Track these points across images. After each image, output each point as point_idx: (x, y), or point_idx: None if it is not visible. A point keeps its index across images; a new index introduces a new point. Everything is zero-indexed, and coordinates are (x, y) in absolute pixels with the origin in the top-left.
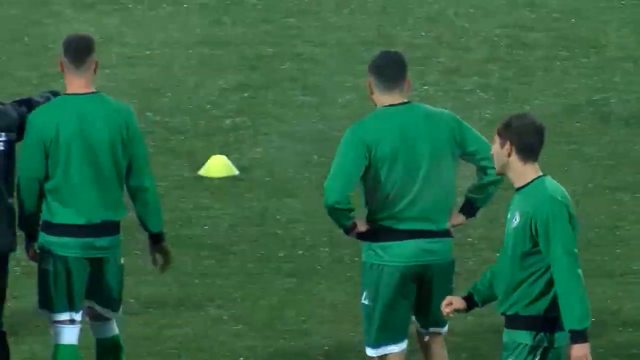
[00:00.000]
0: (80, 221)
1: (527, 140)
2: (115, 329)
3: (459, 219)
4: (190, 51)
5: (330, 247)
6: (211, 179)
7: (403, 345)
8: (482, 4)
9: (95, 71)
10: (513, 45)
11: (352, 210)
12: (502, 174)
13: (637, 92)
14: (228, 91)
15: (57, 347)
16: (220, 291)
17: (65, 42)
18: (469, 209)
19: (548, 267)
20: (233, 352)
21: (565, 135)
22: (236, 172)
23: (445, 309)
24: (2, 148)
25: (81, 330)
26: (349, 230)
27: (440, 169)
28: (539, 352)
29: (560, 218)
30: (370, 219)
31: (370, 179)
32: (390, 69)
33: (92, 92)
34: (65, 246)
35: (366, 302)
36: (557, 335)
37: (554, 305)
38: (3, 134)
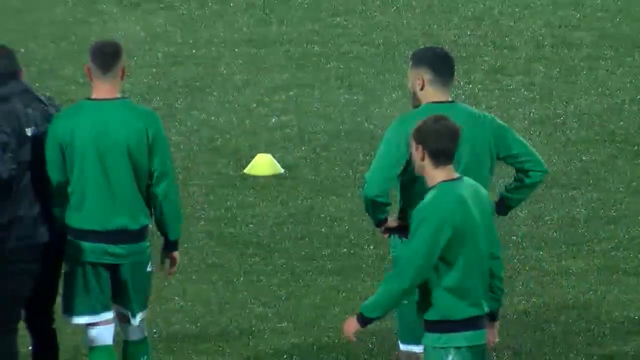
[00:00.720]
0: (93, 227)
1: (439, 144)
2: (139, 333)
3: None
4: (237, 50)
5: (375, 245)
6: (256, 178)
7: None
8: (527, 3)
9: (122, 77)
10: (558, 44)
11: (389, 204)
12: (420, 175)
13: None
14: (274, 90)
15: (91, 350)
16: (265, 289)
17: (92, 49)
18: (501, 207)
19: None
20: (277, 349)
21: (609, 134)
22: (281, 170)
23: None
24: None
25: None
26: (380, 223)
27: (477, 169)
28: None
29: (424, 225)
30: (402, 215)
31: (408, 173)
32: (447, 66)
33: (115, 98)
34: (81, 250)
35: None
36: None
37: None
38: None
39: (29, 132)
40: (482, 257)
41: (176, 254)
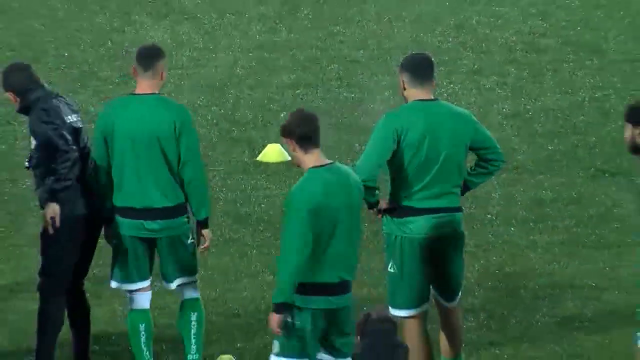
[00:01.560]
0: (132, 204)
1: (301, 130)
2: (192, 294)
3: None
4: (251, 54)
5: (369, 223)
6: (267, 164)
7: (425, 307)
8: (501, 14)
9: (162, 77)
10: (527, 50)
11: (377, 188)
12: (299, 166)
13: (635, 89)
14: (282, 89)
15: (130, 311)
16: (275, 260)
17: (138, 50)
18: (464, 188)
19: None
20: None
21: (571, 127)
22: (288, 158)
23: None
24: (81, 125)
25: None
26: (373, 205)
27: (455, 158)
28: None
29: (290, 210)
30: (392, 198)
31: (396, 161)
32: (422, 69)
33: (152, 94)
34: (122, 226)
35: (392, 270)
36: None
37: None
38: (76, 115)
39: (69, 119)
40: (345, 236)
41: (206, 231)
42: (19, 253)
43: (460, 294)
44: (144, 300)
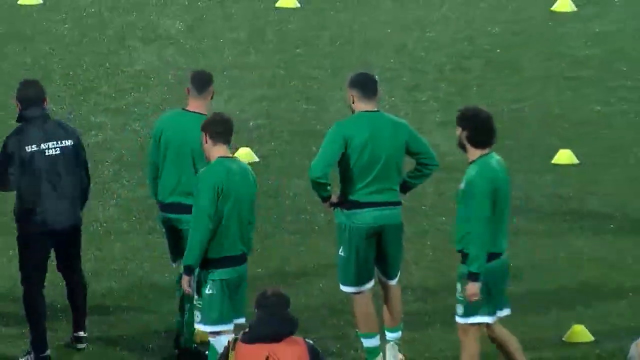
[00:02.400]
0: (163, 199)
1: (215, 128)
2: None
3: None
4: (225, 73)
5: (325, 214)
6: None
7: (370, 284)
8: (433, 39)
9: (211, 97)
10: (456, 69)
11: (329, 185)
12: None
13: (545, 102)
14: (252, 101)
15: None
16: None
17: (192, 75)
18: (405, 188)
19: None
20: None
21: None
22: (257, 159)
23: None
24: (55, 152)
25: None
26: (325, 200)
27: (394, 160)
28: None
29: (203, 189)
30: (342, 193)
31: (344, 162)
32: (368, 85)
33: (197, 112)
34: (159, 215)
35: (342, 254)
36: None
37: None
38: (56, 142)
39: (43, 146)
40: (242, 217)
41: None
42: None
43: (399, 273)
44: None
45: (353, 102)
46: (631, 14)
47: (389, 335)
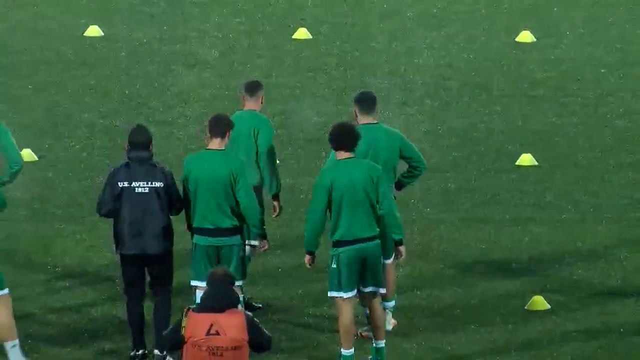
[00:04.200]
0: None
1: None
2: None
3: None
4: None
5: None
6: None
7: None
8: (421, 64)
9: (262, 101)
10: (438, 88)
11: None
12: None
13: (510, 118)
14: (273, 115)
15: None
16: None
17: (245, 83)
18: (399, 186)
19: None
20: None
21: (469, 141)
22: (277, 162)
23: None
24: (141, 190)
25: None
26: None
27: (390, 163)
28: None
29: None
30: None
31: None
32: (368, 102)
33: (252, 110)
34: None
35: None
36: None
37: None
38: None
39: (134, 184)
40: (210, 196)
41: (264, 242)
42: None
43: (393, 254)
44: None
45: (356, 116)
46: (581, 44)
47: (385, 304)
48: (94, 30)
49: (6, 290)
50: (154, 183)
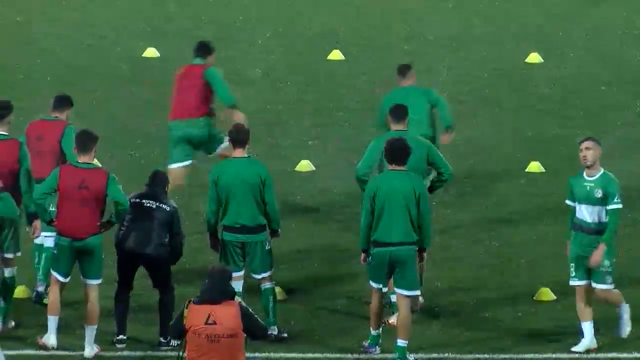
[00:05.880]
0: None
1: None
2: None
3: None
4: (290, 106)
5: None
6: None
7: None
8: (441, 81)
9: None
10: (455, 102)
11: (367, 177)
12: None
13: (521, 127)
14: (310, 127)
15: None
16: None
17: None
18: (431, 189)
19: None
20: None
21: (478, 149)
22: (314, 168)
23: None
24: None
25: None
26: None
27: (420, 167)
28: None
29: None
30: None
31: (380, 168)
32: (397, 112)
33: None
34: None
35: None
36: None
37: None
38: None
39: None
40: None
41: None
42: None
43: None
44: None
45: (389, 123)
46: (582, 63)
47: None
48: (151, 52)
49: (99, 281)
50: (161, 205)
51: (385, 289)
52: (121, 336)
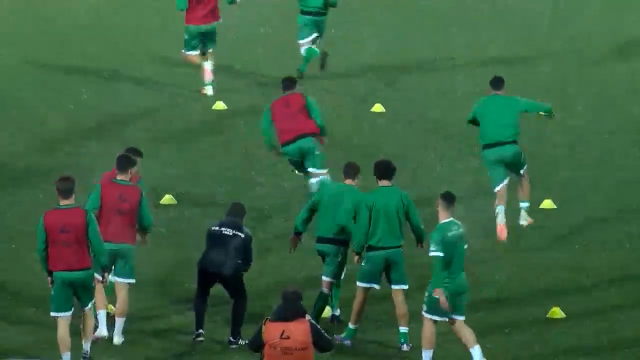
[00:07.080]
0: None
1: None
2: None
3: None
4: (341, 142)
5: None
6: None
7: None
8: (456, 110)
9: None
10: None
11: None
12: None
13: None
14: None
15: None
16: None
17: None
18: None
19: None
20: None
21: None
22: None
23: None
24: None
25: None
26: None
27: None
28: None
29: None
30: None
31: None
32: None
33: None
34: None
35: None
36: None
37: None
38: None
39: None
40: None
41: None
42: None
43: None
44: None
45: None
46: (589, 114)
47: (521, 205)
48: (219, 105)
49: (132, 280)
50: (237, 232)
51: (377, 287)
52: (200, 330)
